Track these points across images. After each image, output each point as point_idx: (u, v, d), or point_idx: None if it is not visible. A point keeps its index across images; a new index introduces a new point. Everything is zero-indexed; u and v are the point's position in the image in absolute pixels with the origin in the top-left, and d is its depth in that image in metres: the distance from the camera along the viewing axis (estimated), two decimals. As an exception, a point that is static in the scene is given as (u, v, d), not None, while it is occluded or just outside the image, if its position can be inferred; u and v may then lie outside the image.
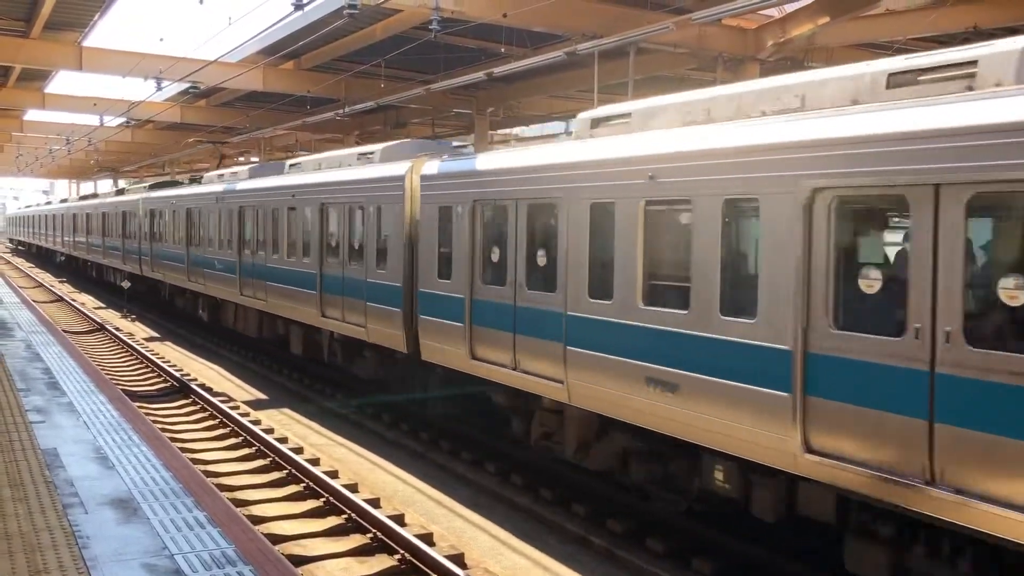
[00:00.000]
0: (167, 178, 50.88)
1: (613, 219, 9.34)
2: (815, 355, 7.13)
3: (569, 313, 9.98)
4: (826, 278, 7.06)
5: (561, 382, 10.11)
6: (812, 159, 7.17)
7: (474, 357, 11.79)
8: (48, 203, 72.48)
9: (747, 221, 8.11)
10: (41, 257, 68.35)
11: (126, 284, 32.19)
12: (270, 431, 14.52)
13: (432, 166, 13.09)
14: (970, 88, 6.60)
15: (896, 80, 7.19)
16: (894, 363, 6.55)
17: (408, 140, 17.09)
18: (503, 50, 19.87)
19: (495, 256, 11.54)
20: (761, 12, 17.54)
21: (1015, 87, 6.28)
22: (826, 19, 16.40)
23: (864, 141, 6.81)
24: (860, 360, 6.79)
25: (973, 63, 6.65)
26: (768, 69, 19.60)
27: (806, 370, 7.18)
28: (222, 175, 23.85)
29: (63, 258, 54.88)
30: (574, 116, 14.86)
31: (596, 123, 10.64)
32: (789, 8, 17.28)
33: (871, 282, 6.80)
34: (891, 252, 7.47)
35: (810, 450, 7.15)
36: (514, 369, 11.01)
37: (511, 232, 11.15)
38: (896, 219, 7.44)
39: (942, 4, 16.09)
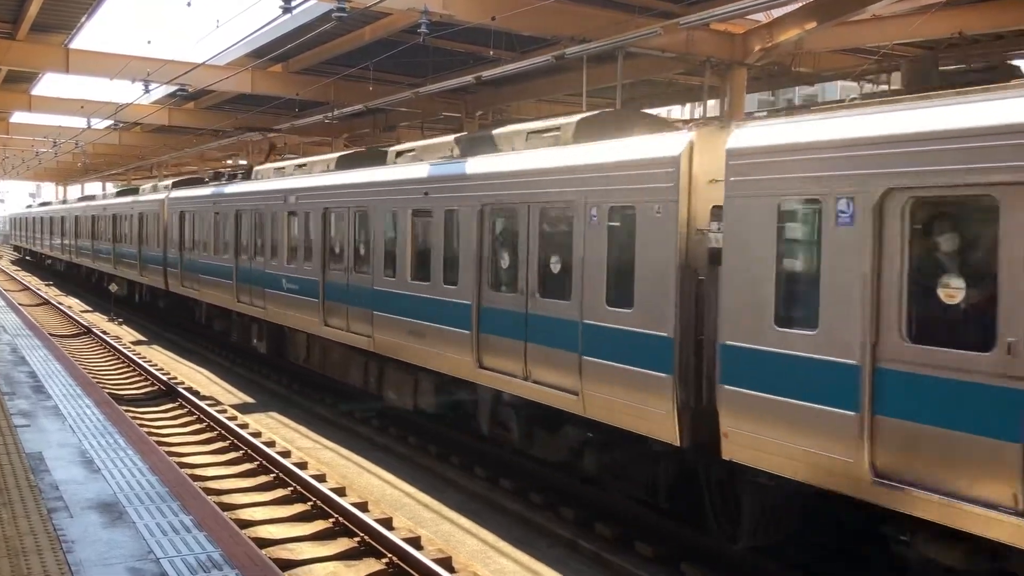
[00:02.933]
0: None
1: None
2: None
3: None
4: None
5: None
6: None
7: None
8: (47, 203, 64.45)
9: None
10: (39, 265, 60.55)
11: (114, 287, 32.00)
12: (257, 435, 14.47)
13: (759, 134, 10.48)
14: None
15: None
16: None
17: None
18: (492, 54, 19.86)
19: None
20: (749, 17, 17.62)
21: None
22: (813, 24, 16.47)
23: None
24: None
25: None
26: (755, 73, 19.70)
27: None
28: (282, 168, 19.73)
29: (56, 264, 50.53)
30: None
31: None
32: (776, 13, 17.35)
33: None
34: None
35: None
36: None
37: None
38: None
39: (927, 10, 16.19)
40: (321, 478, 12.03)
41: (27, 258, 70.57)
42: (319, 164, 17.87)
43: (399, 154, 14.85)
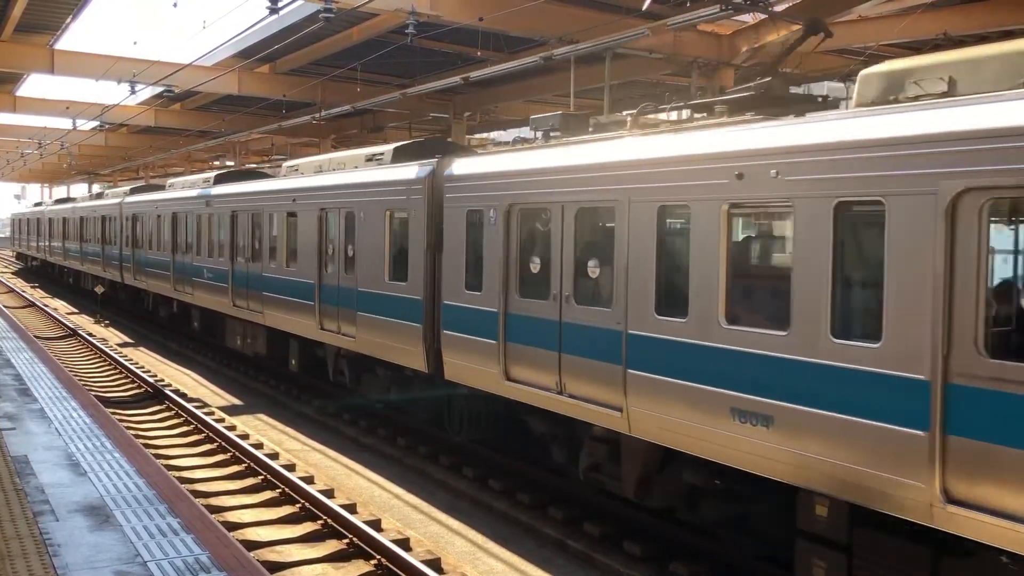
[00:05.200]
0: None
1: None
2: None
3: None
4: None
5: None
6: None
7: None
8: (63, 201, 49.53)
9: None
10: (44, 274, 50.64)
11: (99, 289, 31.84)
12: (245, 437, 14.42)
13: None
14: None
15: None
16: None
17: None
18: (479, 54, 19.87)
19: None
20: (736, 18, 17.69)
21: None
22: (799, 25, 16.54)
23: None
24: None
25: None
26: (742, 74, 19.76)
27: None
28: (377, 156, 14.91)
29: (46, 267, 44.80)
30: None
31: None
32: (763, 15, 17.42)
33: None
34: None
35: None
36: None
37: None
38: None
39: (913, 12, 16.30)
40: (309, 480, 12.01)
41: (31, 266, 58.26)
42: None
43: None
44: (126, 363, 20.51)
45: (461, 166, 11.72)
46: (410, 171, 12.88)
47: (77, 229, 38.04)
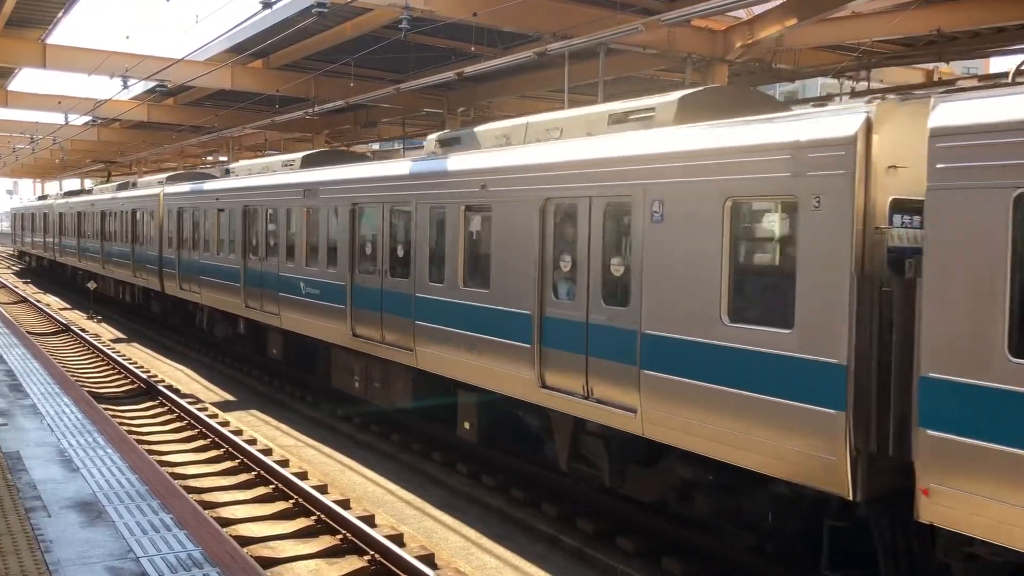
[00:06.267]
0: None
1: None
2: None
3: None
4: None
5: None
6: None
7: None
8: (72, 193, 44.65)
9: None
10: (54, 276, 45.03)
11: (92, 285, 31.75)
12: (239, 433, 14.40)
13: None
14: None
15: None
16: None
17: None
18: (473, 50, 19.83)
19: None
20: (729, 14, 17.69)
21: None
22: (793, 21, 16.56)
23: None
24: None
25: None
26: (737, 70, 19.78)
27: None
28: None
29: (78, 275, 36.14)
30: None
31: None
32: (757, 10, 17.43)
33: None
34: None
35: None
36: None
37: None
38: None
39: (906, 8, 16.32)
40: (303, 476, 12.00)
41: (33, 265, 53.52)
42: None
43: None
44: (119, 359, 20.46)
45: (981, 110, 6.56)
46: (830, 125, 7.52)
47: (96, 225, 32.27)
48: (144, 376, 18.41)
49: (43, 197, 55.88)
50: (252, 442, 13.76)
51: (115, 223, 29.81)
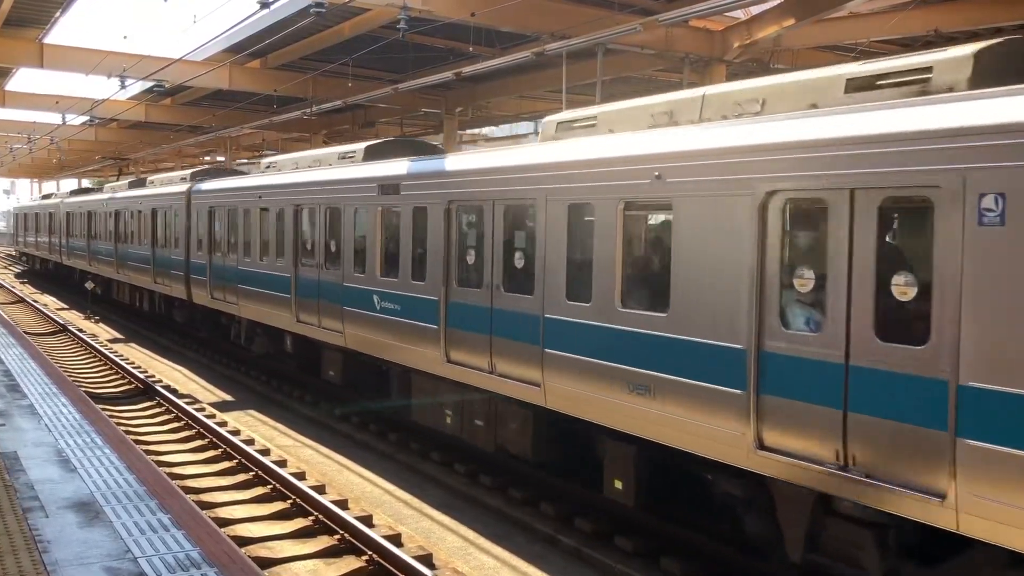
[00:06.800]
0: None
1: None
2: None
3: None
4: None
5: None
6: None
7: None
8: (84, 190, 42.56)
9: None
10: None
11: (90, 285, 31.72)
12: (236, 433, 14.39)
13: None
14: None
15: None
16: None
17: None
18: (471, 50, 19.84)
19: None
20: (727, 14, 17.71)
21: None
22: (791, 21, 16.59)
23: None
24: None
25: None
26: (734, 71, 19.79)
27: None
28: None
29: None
30: (543, 116, 14.80)
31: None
32: (755, 11, 17.45)
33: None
34: None
35: None
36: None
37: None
38: None
39: (904, 8, 16.34)
40: (301, 476, 11.99)
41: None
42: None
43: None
44: (116, 359, 20.44)
45: None
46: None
47: (110, 226, 29.60)
48: (142, 376, 18.39)
49: (47, 196, 52.87)
50: (250, 442, 13.75)
51: (132, 223, 27.26)
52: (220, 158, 47.31)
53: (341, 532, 9.66)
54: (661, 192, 8.36)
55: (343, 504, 10.73)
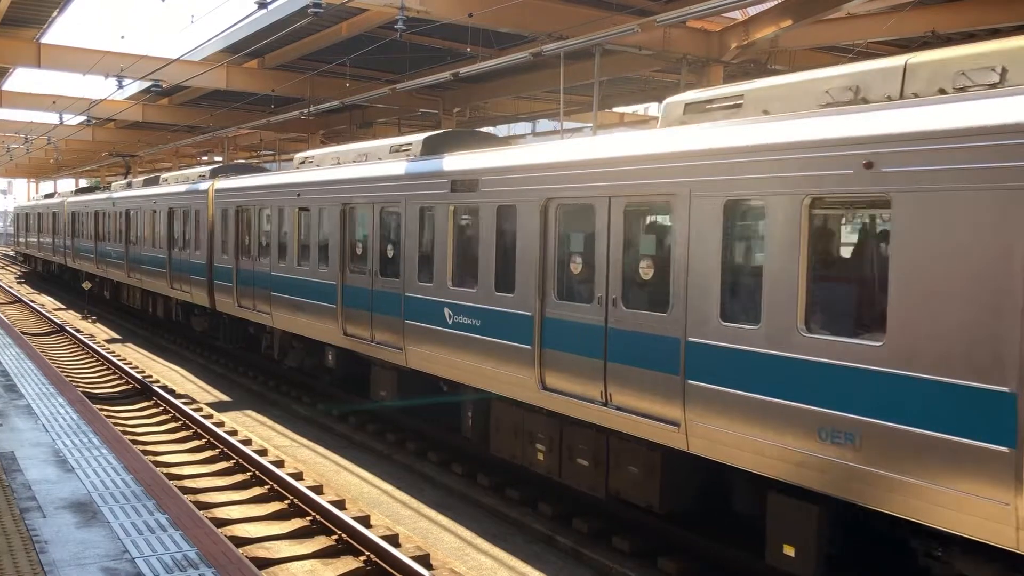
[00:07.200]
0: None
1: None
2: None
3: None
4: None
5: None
6: None
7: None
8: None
9: None
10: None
11: (87, 285, 31.68)
12: (234, 433, 14.38)
13: None
14: None
15: None
16: None
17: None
18: (469, 50, 19.85)
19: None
20: (725, 15, 17.73)
21: None
22: (789, 22, 16.62)
23: None
24: None
25: None
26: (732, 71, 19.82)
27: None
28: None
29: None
30: (540, 117, 14.73)
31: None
32: (753, 11, 17.48)
33: None
34: None
35: None
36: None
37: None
38: None
39: (901, 9, 16.37)
40: (298, 476, 11.99)
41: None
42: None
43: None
44: (114, 359, 20.42)
45: None
46: None
47: (119, 226, 27.92)
48: (139, 376, 18.38)
49: (50, 195, 50.02)
50: (247, 442, 13.74)
51: (145, 224, 25.26)
52: (218, 158, 47.27)
53: (339, 532, 9.66)
54: (876, 185, 6.51)
55: (341, 504, 10.73)
